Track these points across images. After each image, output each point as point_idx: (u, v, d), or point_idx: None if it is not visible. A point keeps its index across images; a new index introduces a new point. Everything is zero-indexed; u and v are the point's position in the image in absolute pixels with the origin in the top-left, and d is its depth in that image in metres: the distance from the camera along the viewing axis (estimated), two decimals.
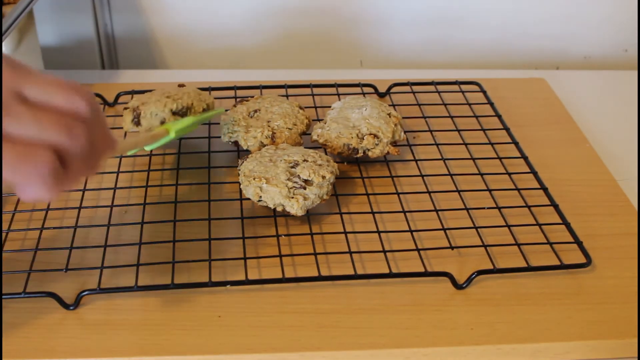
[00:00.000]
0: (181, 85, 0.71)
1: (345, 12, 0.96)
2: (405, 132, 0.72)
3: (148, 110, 0.67)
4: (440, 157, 0.71)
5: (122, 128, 0.69)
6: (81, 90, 0.41)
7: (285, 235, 0.62)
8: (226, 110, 0.71)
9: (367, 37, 0.98)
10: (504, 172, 0.69)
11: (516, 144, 0.73)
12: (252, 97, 0.73)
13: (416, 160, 0.71)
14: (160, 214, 0.64)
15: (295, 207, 0.60)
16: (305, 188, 0.60)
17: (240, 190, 0.64)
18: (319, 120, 0.76)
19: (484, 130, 0.76)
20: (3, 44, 0.83)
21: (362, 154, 0.68)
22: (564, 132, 0.79)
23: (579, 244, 0.61)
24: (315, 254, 0.59)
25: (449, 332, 0.54)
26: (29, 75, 0.40)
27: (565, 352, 0.54)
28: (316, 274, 0.57)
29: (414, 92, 0.82)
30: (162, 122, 0.66)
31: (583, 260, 0.59)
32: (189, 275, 0.57)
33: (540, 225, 0.63)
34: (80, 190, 0.65)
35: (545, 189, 0.67)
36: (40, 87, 0.39)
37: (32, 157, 0.38)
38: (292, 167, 0.61)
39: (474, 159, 0.71)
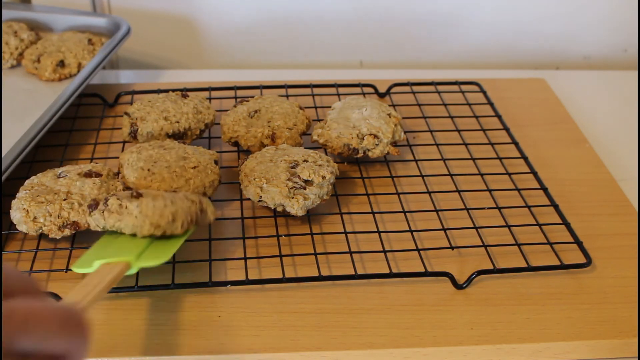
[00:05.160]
0: (185, 95, 0.71)
1: (345, 12, 0.96)
2: (405, 132, 0.72)
3: (145, 129, 0.67)
4: (441, 157, 0.71)
5: (121, 129, 0.69)
6: (81, 324, 0.33)
7: (285, 235, 0.62)
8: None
9: (367, 37, 0.98)
10: (504, 172, 0.69)
11: (516, 144, 0.73)
12: (252, 97, 0.73)
13: (416, 161, 0.71)
14: None
15: (296, 207, 0.60)
16: (305, 188, 0.60)
17: (241, 190, 0.64)
18: (319, 120, 0.76)
19: (484, 130, 0.76)
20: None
21: (362, 154, 0.68)
22: (564, 132, 0.79)
23: (579, 244, 0.61)
24: (316, 254, 0.59)
25: (449, 332, 0.54)
26: (16, 320, 0.31)
27: (565, 352, 0.54)
28: (316, 274, 0.57)
29: (414, 92, 0.82)
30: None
31: (583, 260, 0.59)
32: (189, 275, 0.57)
33: (540, 225, 0.63)
34: None
35: (545, 189, 0.67)
36: (34, 334, 0.31)
37: None
38: (292, 167, 0.61)
39: (474, 159, 0.71)
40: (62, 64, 0.78)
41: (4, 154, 0.62)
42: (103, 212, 0.52)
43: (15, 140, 0.64)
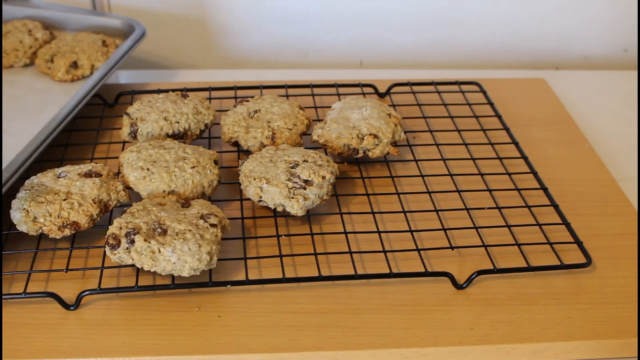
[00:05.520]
0: (185, 95, 0.71)
1: (345, 12, 0.96)
2: (405, 132, 0.72)
3: (145, 129, 0.67)
4: (441, 157, 0.71)
5: (121, 129, 0.69)
6: None
7: (285, 235, 0.62)
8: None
9: (367, 37, 0.98)
10: (504, 172, 0.69)
11: (516, 144, 0.73)
12: (252, 97, 0.73)
13: (416, 161, 0.71)
14: None
15: (296, 207, 0.60)
16: (305, 188, 0.60)
17: (241, 191, 0.64)
18: (319, 120, 0.76)
19: (484, 130, 0.76)
20: None
21: (362, 154, 0.68)
22: (564, 132, 0.79)
23: (579, 244, 0.61)
24: (316, 254, 0.59)
25: (449, 332, 0.54)
26: None
27: (565, 352, 0.54)
28: (316, 274, 0.57)
29: (414, 93, 0.82)
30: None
31: (583, 260, 0.59)
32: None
33: (540, 225, 0.63)
34: None
35: (545, 189, 0.67)
36: None
37: None
38: (292, 167, 0.61)
39: (474, 159, 0.71)
40: (75, 65, 0.78)
41: (15, 153, 0.62)
42: None
43: (28, 139, 0.63)
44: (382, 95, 0.82)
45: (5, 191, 0.58)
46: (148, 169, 0.61)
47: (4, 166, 0.60)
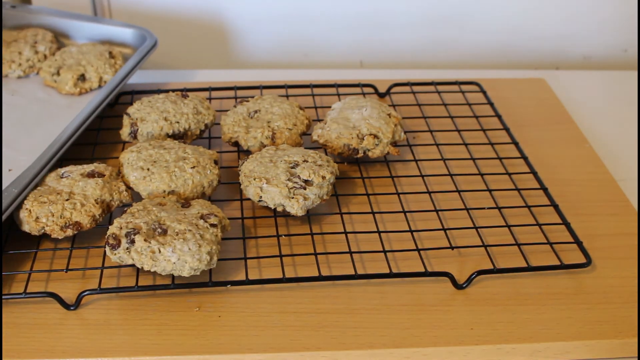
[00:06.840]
0: (185, 96, 0.71)
1: (345, 12, 0.96)
2: (405, 132, 0.72)
3: (145, 129, 0.67)
4: (441, 157, 0.71)
5: (121, 129, 0.69)
6: None
7: (285, 235, 0.62)
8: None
9: (367, 37, 0.98)
10: (504, 172, 0.69)
11: (516, 144, 0.73)
12: (252, 97, 0.73)
13: (416, 161, 0.71)
14: None
15: (296, 207, 0.60)
16: (305, 188, 0.60)
17: (241, 190, 0.64)
18: (319, 120, 0.76)
19: (484, 130, 0.76)
20: None
21: (362, 154, 0.68)
22: (564, 132, 0.79)
23: (579, 244, 0.61)
24: (316, 254, 0.59)
25: (449, 332, 0.54)
26: None
27: (565, 352, 0.54)
28: (316, 274, 0.57)
29: (414, 93, 0.82)
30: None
31: (583, 260, 0.59)
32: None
33: (540, 225, 0.63)
34: None
35: (545, 189, 0.67)
36: None
37: None
38: (292, 167, 0.61)
39: (474, 159, 0.71)
40: (82, 78, 0.77)
41: (28, 164, 0.61)
42: None
43: (40, 151, 0.63)
44: (382, 95, 0.82)
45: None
46: (148, 169, 0.61)
47: (13, 179, 0.60)
